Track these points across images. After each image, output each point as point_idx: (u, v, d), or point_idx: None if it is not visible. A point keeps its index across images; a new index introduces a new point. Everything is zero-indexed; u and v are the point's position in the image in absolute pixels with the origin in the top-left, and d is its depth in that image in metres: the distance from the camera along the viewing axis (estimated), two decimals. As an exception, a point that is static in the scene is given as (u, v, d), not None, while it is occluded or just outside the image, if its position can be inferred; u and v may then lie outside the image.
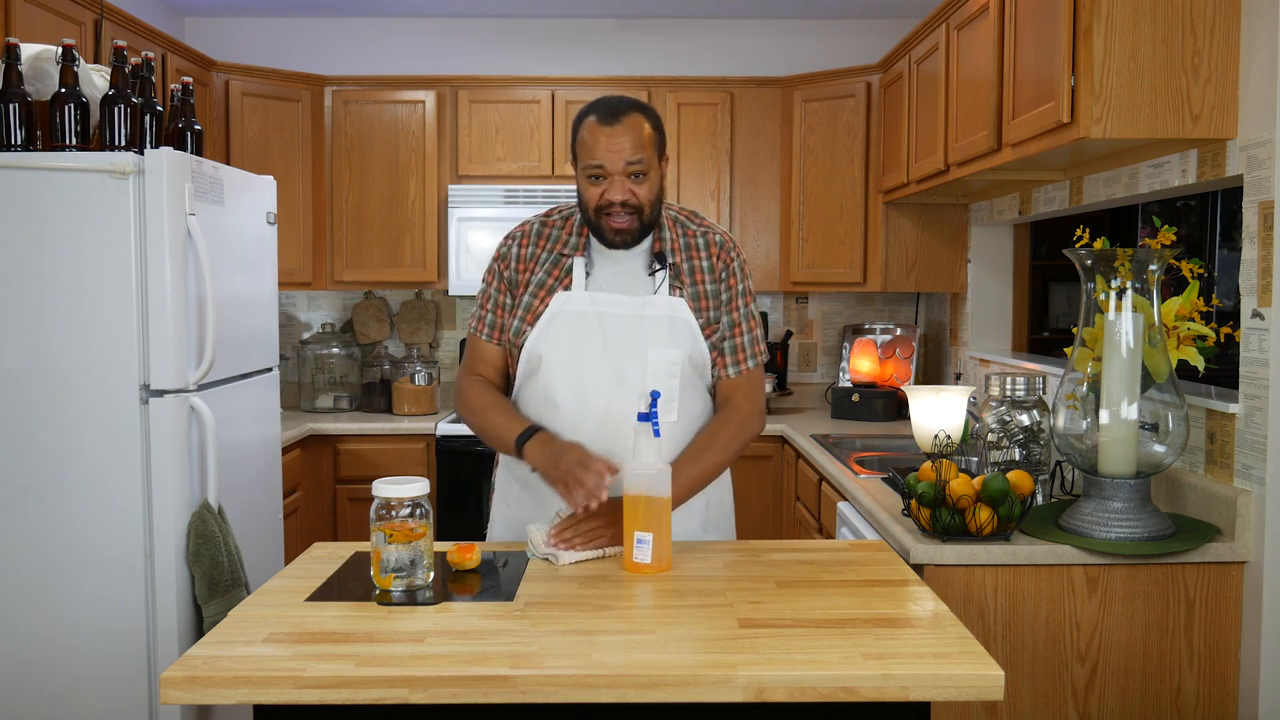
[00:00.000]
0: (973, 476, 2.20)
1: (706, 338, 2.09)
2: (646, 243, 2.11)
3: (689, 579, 1.82)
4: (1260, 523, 2.09)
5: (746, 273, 2.16)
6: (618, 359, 2.05)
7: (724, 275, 2.12)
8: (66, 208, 2.52)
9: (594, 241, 2.11)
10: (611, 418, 2.03)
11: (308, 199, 4.28)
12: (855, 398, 4.25)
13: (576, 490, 1.87)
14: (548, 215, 2.17)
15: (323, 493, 4.10)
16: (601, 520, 1.94)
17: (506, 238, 2.18)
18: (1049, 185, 3.13)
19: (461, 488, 4.09)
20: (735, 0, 4.39)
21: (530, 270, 2.11)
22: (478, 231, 4.26)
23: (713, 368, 2.13)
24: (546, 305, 2.07)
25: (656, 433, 1.87)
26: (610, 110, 2.00)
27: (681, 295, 2.09)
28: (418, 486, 1.72)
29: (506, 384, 2.20)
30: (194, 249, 2.64)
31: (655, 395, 1.89)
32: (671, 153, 4.32)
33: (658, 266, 2.09)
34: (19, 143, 2.51)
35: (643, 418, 1.85)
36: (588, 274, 2.09)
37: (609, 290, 2.08)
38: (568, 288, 2.08)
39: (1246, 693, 2.14)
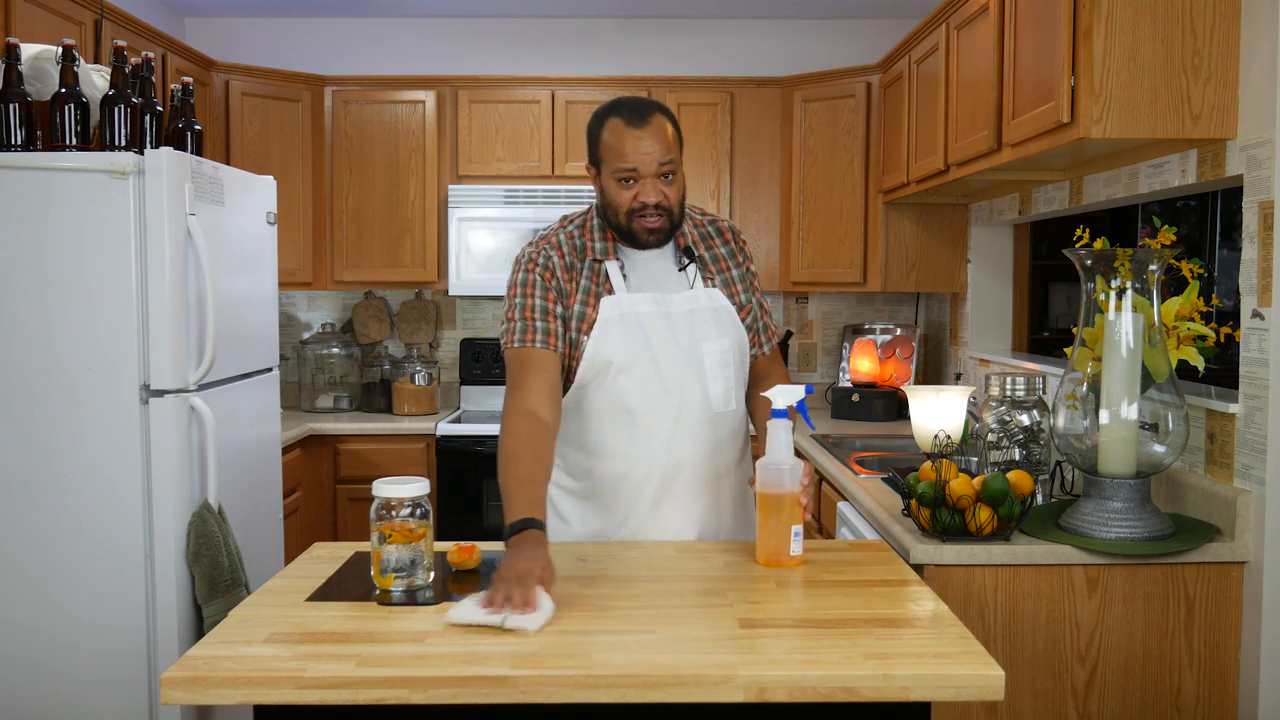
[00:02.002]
0: (973, 476, 2.19)
1: (743, 320, 2.15)
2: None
3: (689, 579, 1.82)
4: (1260, 523, 2.09)
5: (751, 256, 2.25)
6: (676, 356, 2.07)
7: (743, 260, 2.21)
8: (66, 208, 2.52)
9: (619, 244, 2.11)
10: (682, 415, 2.06)
11: (308, 199, 4.28)
12: (855, 398, 4.25)
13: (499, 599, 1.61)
14: (563, 225, 2.14)
15: (323, 493, 4.10)
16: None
17: (537, 250, 2.09)
18: (1049, 185, 3.13)
19: (461, 488, 4.08)
20: (735, 0, 4.39)
21: (575, 279, 2.08)
22: (478, 231, 4.26)
23: (750, 348, 2.20)
24: (597, 311, 2.05)
25: (810, 425, 2.15)
26: (636, 112, 1.99)
27: (713, 285, 2.14)
28: (418, 486, 1.72)
29: (559, 396, 2.05)
30: (194, 249, 2.64)
31: (809, 389, 1.92)
32: (672, 153, 4.32)
33: (687, 261, 2.13)
34: (19, 143, 2.51)
35: (777, 414, 1.88)
36: (625, 276, 2.09)
37: (647, 290, 2.09)
38: (610, 292, 2.07)
39: (1246, 693, 2.14)
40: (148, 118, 2.66)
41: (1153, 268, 2.11)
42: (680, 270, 2.13)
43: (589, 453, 2.10)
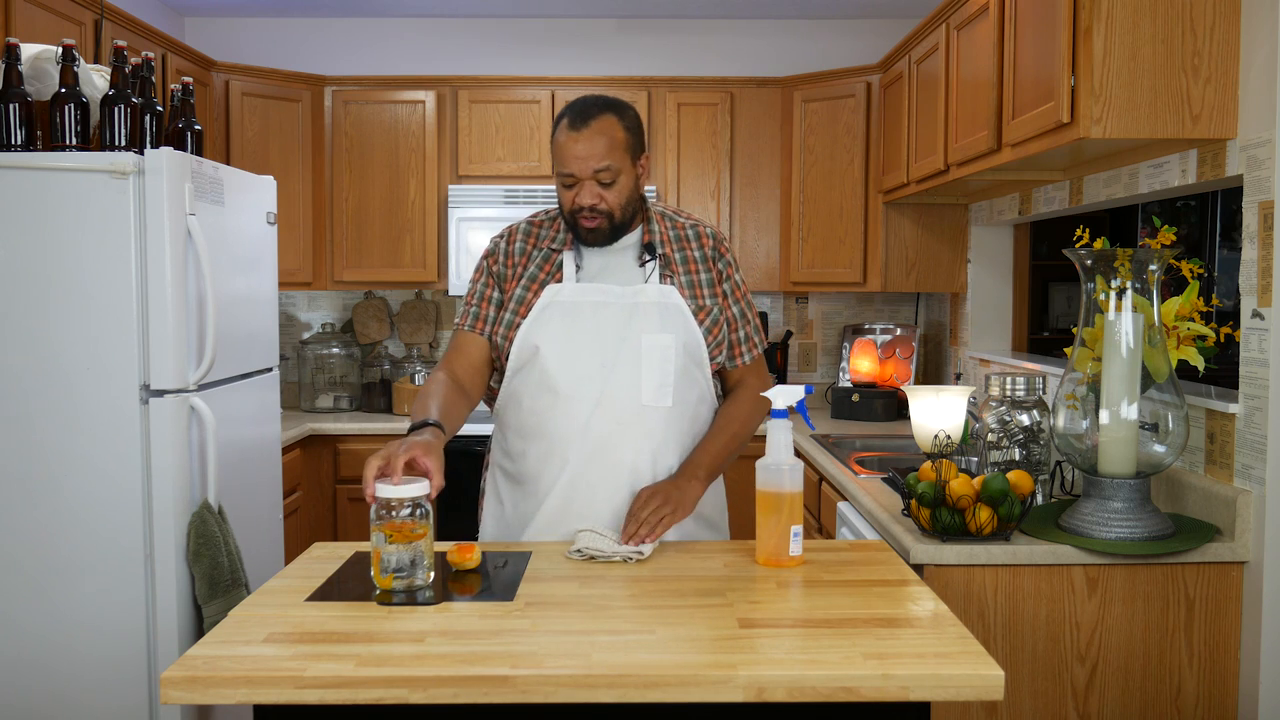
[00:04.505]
0: (973, 476, 2.19)
1: (700, 323, 2.14)
2: (635, 235, 2.16)
3: (689, 579, 1.82)
4: (1260, 523, 2.09)
5: (737, 264, 2.25)
6: (610, 345, 2.09)
7: (720, 267, 2.19)
8: (66, 208, 2.52)
9: None
10: (605, 402, 2.08)
11: (308, 199, 4.28)
12: (855, 398, 4.25)
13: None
14: (534, 217, 2.24)
15: (323, 493, 4.10)
16: (658, 500, 2.00)
17: (495, 236, 2.24)
18: (1049, 185, 3.13)
19: (460, 488, 4.06)
20: (735, 0, 4.39)
21: (521, 265, 2.16)
22: (478, 231, 4.26)
23: (730, 358, 2.20)
24: (538, 298, 2.12)
25: (810, 425, 2.17)
26: (580, 113, 2.05)
27: (673, 283, 2.14)
28: (418, 486, 1.72)
29: (480, 377, 2.19)
30: (194, 249, 2.64)
31: (809, 390, 1.94)
32: (671, 153, 4.33)
33: (648, 257, 2.15)
34: (19, 143, 2.51)
35: (777, 414, 1.89)
36: (578, 267, 2.14)
37: (599, 282, 2.13)
38: (559, 281, 2.13)
39: (1246, 693, 2.14)
40: (148, 118, 2.66)
41: (1153, 268, 2.11)
42: (640, 265, 2.15)
43: (523, 435, 2.15)
